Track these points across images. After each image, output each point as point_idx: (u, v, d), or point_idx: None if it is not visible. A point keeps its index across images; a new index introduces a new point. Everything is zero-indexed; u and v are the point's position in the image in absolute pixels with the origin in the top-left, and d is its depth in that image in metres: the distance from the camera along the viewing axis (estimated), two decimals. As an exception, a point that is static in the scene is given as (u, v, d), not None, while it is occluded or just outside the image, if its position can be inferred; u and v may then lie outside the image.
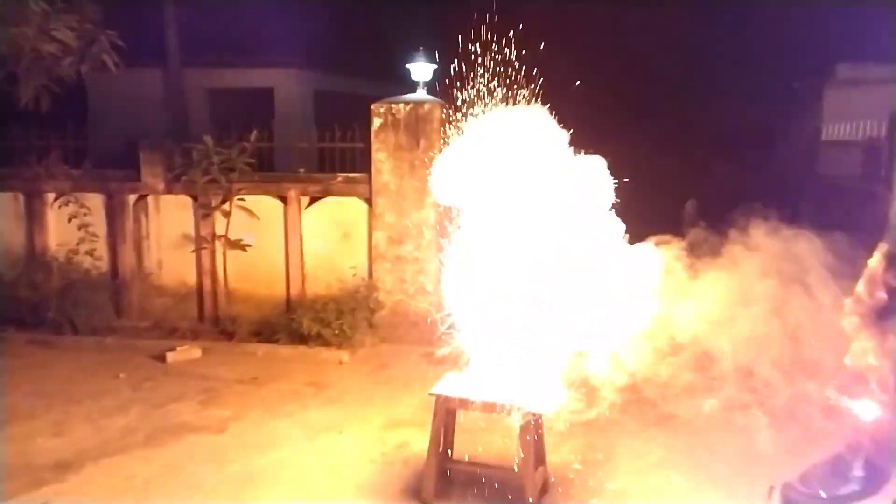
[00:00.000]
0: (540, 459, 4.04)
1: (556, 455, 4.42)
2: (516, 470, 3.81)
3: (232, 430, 5.08)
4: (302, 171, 7.73)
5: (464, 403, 3.88)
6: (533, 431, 3.85)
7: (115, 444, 4.80)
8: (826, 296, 3.63)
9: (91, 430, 5.04)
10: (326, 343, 6.77)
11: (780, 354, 4.79)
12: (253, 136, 7.39)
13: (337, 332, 6.74)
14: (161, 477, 4.36)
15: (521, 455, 3.79)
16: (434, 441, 3.94)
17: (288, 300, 7.46)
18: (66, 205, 7.38)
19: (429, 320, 6.71)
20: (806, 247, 4.56)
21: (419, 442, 4.62)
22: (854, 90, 11.75)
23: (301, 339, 6.86)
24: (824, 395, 3.85)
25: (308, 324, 6.77)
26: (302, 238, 7.46)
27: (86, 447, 4.75)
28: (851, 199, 6.91)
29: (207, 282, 7.62)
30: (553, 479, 4.18)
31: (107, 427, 5.10)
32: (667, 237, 4.08)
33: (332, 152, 7.80)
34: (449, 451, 4.08)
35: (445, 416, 3.96)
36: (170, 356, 6.61)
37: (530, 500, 3.77)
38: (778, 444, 4.64)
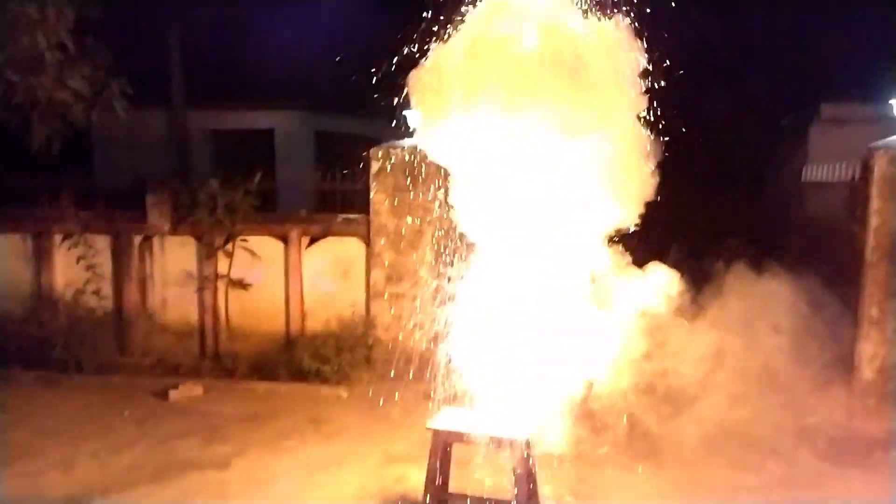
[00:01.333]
0: (533, 492, 4.20)
1: (549, 487, 4.58)
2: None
3: (235, 465, 5.24)
4: (304, 211, 7.98)
5: (459, 437, 4.06)
6: (526, 464, 4.02)
7: (121, 481, 4.95)
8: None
9: (98, 467, 5.19)
10: (326, 380, 6.95)
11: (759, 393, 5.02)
12: (256, 179, 7.64)
13: (336, 368, 6.92)
14: (166, 512, 4.52)
15: (515, 489, 3.95)
16: (431, 474, 4.11)
17: (288, 337, 7.65)
18: (76, 246, 7.60)
19: (426, 357, 6.95)
20: (778, 293, 4.83)
21: (417, 477, 4.77)
22: (839, 129, 12.09)
23: (301, 375, 7.04)
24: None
25: (308, 361, 6.96)
26: (302, 277, 7.68)
27: (93, 483, 4.91)
28: (833, 238, 7.14)
29: (209, 320, 7.82)
30: (545, 512, 4.33)
31: (113, 464, 5.26)
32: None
33: (332, 191, 8.06)
34: (446, 484, 4.23)
35: (442, 449, 4.13)
36: (172, 394, 6.77)
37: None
38: (761, 477, 4.83)
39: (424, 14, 4.41)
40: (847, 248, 6.35)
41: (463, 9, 4.17)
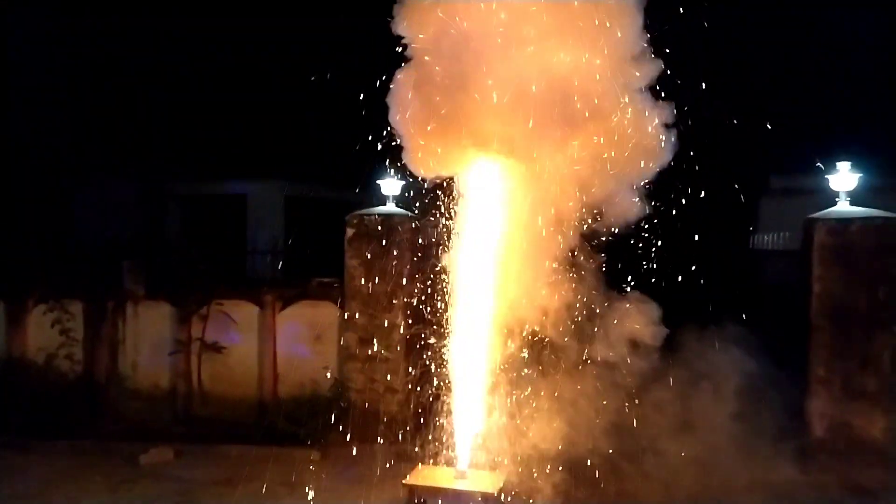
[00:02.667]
0: (504, 546, 4.37)
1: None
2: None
3: (210, 529, 5.29)
4: (275, 276, 8.21)
5: (434, 492, 4.25)
6: (497, 519, 4.21)
7: (96, 546, 4.97)
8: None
9: (72, 533, 5.20)
10: (299, 442, 7.01)
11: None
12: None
13: (309, 431, 7.01)
14: (144, 575, 4.56)
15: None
16: (407, 530, 4.27)
17: (261, 400, 7.75)
18: (52, 311, 7.68)
19: (398, 419, 7.15)
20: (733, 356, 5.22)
21: (392, 535, 4.91)
22: (787, 200, 12.80)
23: (274, 438, 7.10)
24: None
25: (281, 424, 7.05)
26: (276, 340, 7.83)
27: (65, 550, 4.92)
28: (784, 306, 7.54)
29: (181, 384, 7.89)
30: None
31: (87, 529, 5.27)
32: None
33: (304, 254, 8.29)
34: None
35: (417, 505, 4.31)
36: (143, 458, 6.78)
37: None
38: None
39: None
40: (796, 313, 6.76)
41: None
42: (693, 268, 5.79)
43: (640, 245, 5.17)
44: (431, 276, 5.24)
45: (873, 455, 6.20)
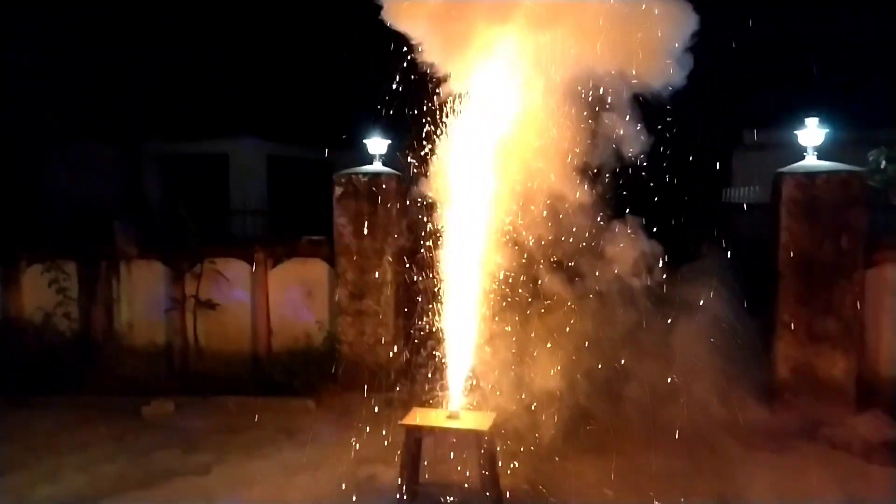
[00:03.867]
0: (494, 480, 4.74)
1: (507, 478, 5.12)
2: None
3: (216, 472, 5.60)
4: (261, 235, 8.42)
5: (429, 431, 4.59)
6: (487, 455, 4.57)
7: (109, 489, 5.27)
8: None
9: (84, 477, 5.49)
10: (294, 393, 7.35)
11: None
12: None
13: (304, 381, 7.34)
14: (158, 513, 4.88)
15: (479, 474, 4.50)
16: (404, 465, 4.61)
17: (255, 355, 8.04)
18: (49, 271, 7.84)
19: (389, 369, 7.49)
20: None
21: (387, 474, 5.28)
22: (760, 154, 13.15)
23: (270, 390, 7.42)
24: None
25: (277, 376, 7.36)
26: (268, 296, 8.09)
27: (83, 492, 5.22)
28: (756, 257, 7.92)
29: (177, 340, 8.14)
30: (506, 496, 4.88)
31: (98, 474, 5.56)
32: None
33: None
34: (417, 475, 4.74)
35: (413, 444, 4.65)
36: (145, 410, 7.07)
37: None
38: (691, 463, 5.51)
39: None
40: (766, 264, 7.14)
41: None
42: (670, 220, 6.14)
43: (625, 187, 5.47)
44: (418, 230, 5.51)
45: (833, 393, 6.66)
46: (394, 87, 5.28)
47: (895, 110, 12.61)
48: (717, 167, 12.90)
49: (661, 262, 5.63)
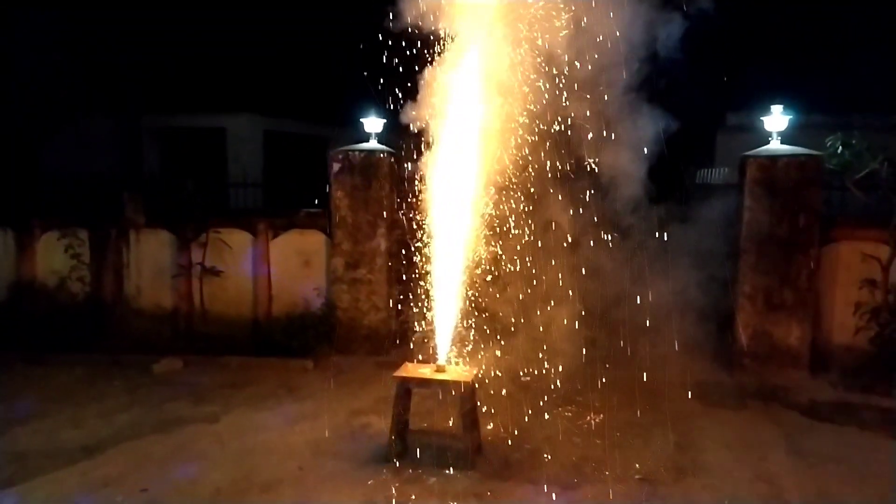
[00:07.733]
0: (475, 426, 5.33)
1: (485, 428, 5.72)
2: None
3: (224, 420, 6.18)
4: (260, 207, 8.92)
5: (418, 382, 5.17)
6: (469, 403, 5.15)
7: (127, 433, 5.83)
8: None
9: (103, 423, 6.05)
10: (293, 354, 7.91)
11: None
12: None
13: (302, 343, 7.90)
14: (173, 454, 5.44)
15: (461, 421, 5.09)
16: (395, 413, 5.19)
17: (256, 319, 8.59)
18: (64, 237, 8.35)
19: (381, 334, 8.07)
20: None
21: (379, 423, 5.87)
22: (742, 136, 13.69)
23: (270, 350, 7.98)
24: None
25: (277, 337, 7.92)
26: (269, 265, 8.63)
27: (103, 436, 5.76)
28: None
29: (183, 304, 8.68)
30: (483, 443, 5.48)
31: (116, 421, 6.12)
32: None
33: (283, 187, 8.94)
34: (406, 423, 5.32)
35: (404, 394, 5.22)
36: (156, 367, 7.63)
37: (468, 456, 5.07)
38: (654, 416, 6.14)
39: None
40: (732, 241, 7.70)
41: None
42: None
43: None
44: (410, 202, 6.03)
45: (789, 359, 7.28)
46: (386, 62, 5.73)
47: (871, 95, 13.20)
48: (693, 148, 13.42)
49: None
